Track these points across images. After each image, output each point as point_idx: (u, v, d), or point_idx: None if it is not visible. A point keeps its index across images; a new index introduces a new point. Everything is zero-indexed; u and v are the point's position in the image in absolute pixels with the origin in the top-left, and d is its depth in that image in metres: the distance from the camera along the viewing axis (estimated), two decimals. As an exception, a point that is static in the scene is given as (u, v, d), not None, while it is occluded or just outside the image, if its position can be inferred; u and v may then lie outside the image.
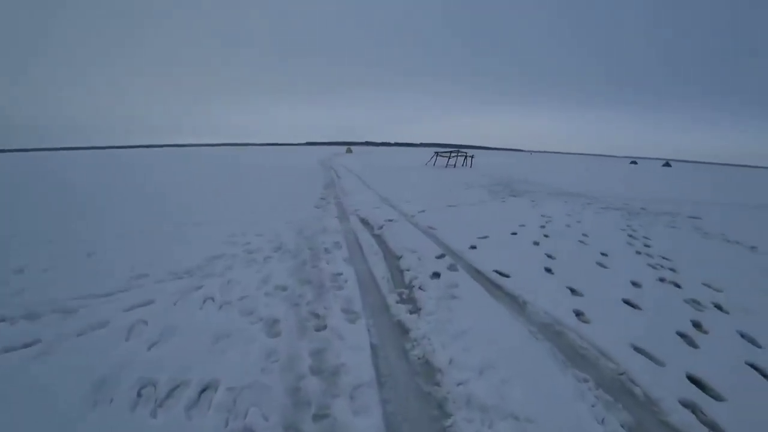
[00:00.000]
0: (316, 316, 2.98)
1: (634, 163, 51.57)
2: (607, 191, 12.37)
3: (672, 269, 4.26)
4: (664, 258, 4.69)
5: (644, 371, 2.32)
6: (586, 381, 2.23)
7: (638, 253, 4.88)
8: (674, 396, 2.13)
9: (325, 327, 2.80)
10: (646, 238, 5.69)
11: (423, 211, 7.17)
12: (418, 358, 2.45)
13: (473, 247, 4.81)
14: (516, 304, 3.25)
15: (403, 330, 2.80)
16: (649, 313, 3.10)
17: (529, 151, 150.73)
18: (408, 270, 3.94)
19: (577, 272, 3.97)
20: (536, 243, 5.13)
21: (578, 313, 3.04)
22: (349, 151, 45.38)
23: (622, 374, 2.32)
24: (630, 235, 5.82)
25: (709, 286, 3.78)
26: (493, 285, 3.65)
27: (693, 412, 2.05)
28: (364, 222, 6.30)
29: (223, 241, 5.02)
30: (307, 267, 4.08)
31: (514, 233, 5.62)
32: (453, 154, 22.92)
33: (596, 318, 2.95)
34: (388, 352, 2.56)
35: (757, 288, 3.77)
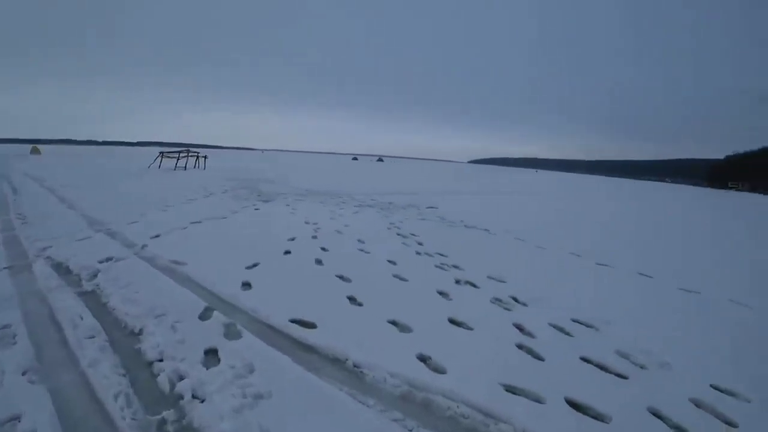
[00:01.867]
0: None
1: (355, 159, 61.34)
2: (349, 187, 13.41)
3: (456, 266, 4.52)
4: (441, 255, 4.99)
5: (536, 420, 1.97)
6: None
7: (418, 254, 5.01)
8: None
9: None
10: (413, 235, 6.06)
11: (158, 235, 5.15)
12: None
13: (247, 285, 3.62)
14: (348, 373, 2.36)
15: None
16: (481, 331, 2.93)
17: (261, 150, 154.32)
18: (161, 360, 2.36)
19: (383, 296, 3.51)
20: (319, 261, 4.44)
21: (424, 359, 2.50)
22: (36, 151, 31.81)
23: (522, 440, 1.88)
24: (399, 234, 6.08)
25: (493, 278, 4.15)
26: (301, 347, 2.63)
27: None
28: (63, 270, 3.83)
29: None
30: None
31: (288, 252, 4.76)
32: (182, 155, 20.43)
33: (446, 360, 2.48)
34: None
35: (523, 272, 4.43)
